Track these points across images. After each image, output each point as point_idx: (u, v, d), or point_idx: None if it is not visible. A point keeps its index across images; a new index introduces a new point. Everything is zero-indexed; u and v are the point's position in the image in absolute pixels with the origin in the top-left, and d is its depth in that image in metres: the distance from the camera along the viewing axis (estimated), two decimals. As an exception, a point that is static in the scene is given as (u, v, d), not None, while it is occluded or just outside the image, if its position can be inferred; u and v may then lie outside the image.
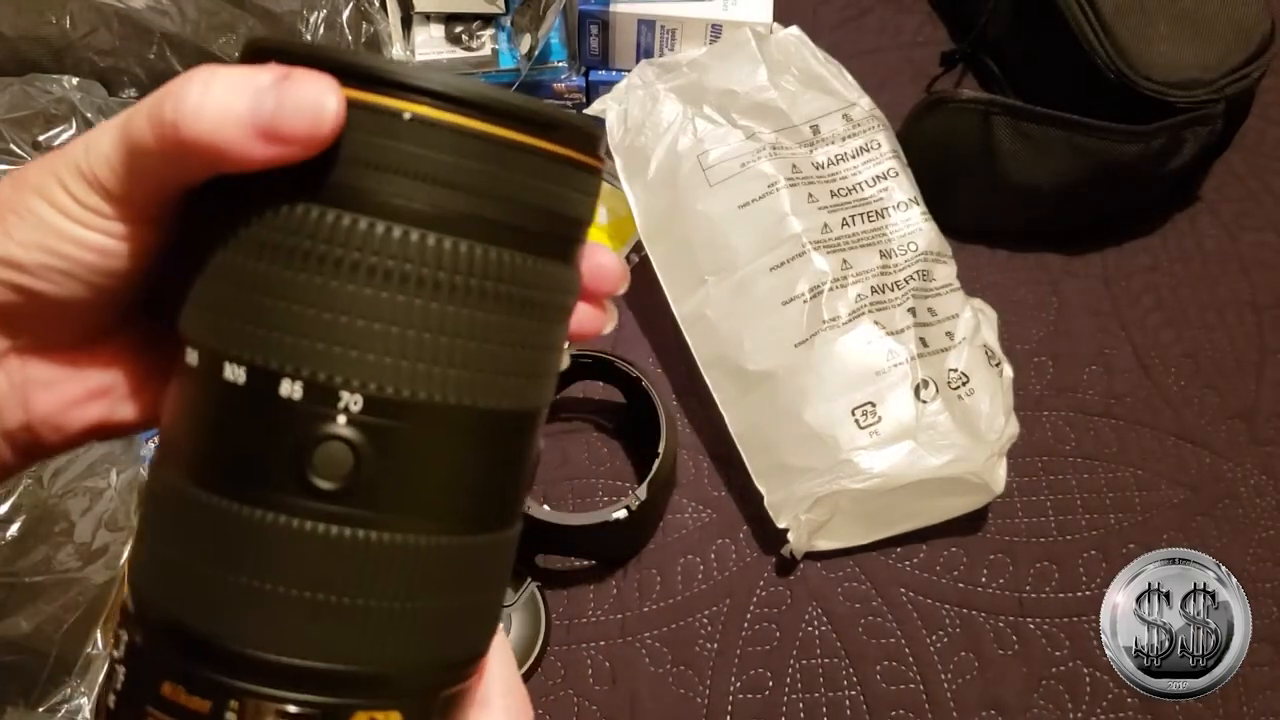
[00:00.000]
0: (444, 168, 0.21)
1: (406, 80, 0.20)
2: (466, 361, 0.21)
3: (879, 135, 0.62)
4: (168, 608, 0.21)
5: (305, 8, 0.59)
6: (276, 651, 0.21)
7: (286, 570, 0.21)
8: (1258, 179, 0.72)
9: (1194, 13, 0.62)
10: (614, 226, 0.66)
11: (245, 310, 0.21)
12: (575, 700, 0.54)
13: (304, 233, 0.20)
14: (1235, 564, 0.57)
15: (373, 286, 0.20)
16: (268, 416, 0.21)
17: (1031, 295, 0.66)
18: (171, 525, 0.22)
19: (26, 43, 0.57)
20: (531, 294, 0.22)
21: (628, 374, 0.56)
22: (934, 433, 0.54)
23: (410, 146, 0.20)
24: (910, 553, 0.58)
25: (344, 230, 0.20)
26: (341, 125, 0.20)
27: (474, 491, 0.23)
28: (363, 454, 0.21)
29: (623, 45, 0.68)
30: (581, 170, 0.23)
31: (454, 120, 0.21)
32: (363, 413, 0.21)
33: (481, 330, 0.22)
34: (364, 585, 0.21)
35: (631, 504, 0.52)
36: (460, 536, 0.22)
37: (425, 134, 0.21)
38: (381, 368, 0.21)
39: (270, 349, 0.21)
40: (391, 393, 0.21)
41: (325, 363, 0.20)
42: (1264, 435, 0.62)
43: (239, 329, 0.21)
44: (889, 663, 0.55)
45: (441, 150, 0.21)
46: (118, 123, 0.21)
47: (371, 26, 0.61)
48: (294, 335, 0.20)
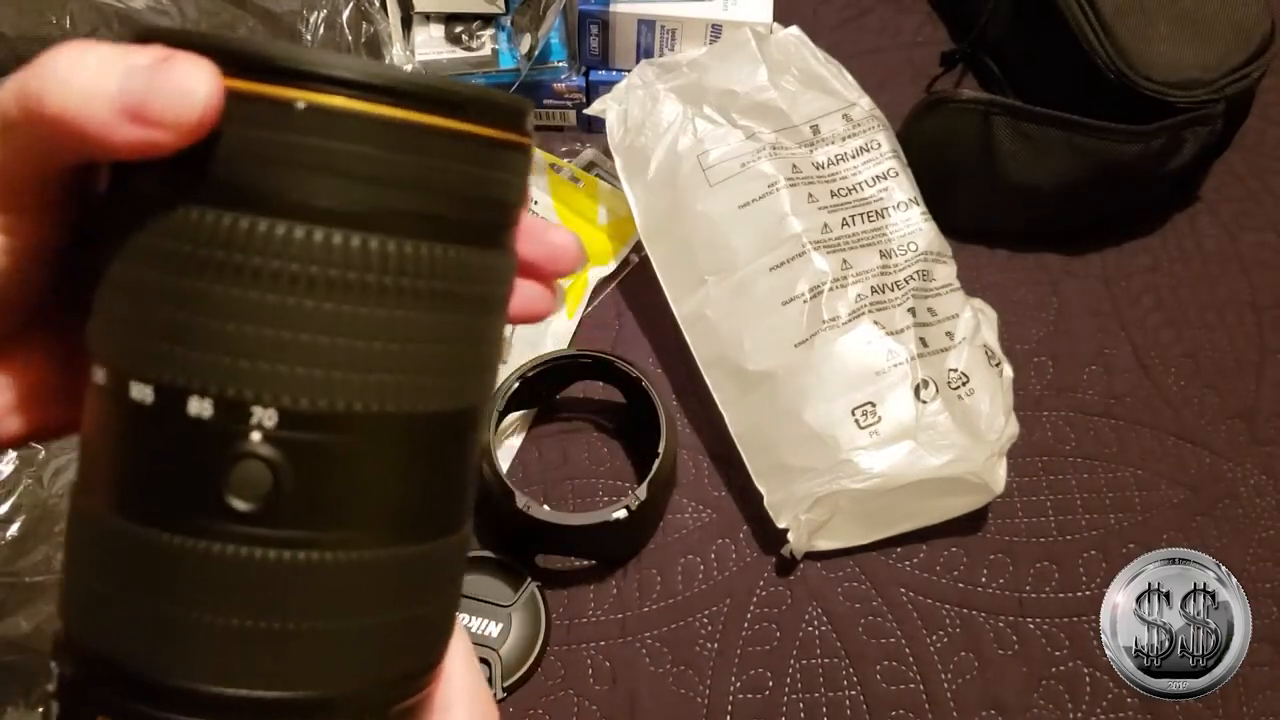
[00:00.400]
0: (345, 159, 0.19)
1: (298, 67, 0.19)
2: (388, 365, 0.20)
3: (879, 135, 0.62)
4: (95, 640, 0.20)
5: (305, 8, 0.59)
6: (210, 682, 0.20)
7: (213, 597, 0.20)
8: (1258, 179, 0.72)
9: (1194, 13, 0.62)
10: (614, 226, 0.66)
11: (147, 324, 0.19)
12: (575, 700, 0.54)
13: (200, 239, 0.19)
14: (1235, 564, 0.57)
15: (277, 292, 0.19)
16: (179, 437, 0.19)
17: (1031, 295, 0.66)
18: (93, 554, 0.21)
19: (27, 43, 0.57)
20: (455, 287, 0.21)
21: (628, 374, 0.56)
22: (934, 433, 0.54)
23: (308, 139, 0.19)
24: (910, 553, 0.58)
25: (242, 234, 0.19)
26: (217, 112, 0.18)
27: (410, 500, 0.22)
28: (281, 471, 0.19)
29: (623, 45, 0.68)
30: (504, 149, 0.22)
31: (353, 107, 0.19)
32: (279, 428, 0.19)
33: (402, 331, 0.20)
34: (294, 608, 0.20)
35: (631, 504, 0.52)
36: (397, 548, 0.21)
37: (323, 124, 0.19)
38: (294, 379, 0.19)
39: (175, 365, 0.19)
40: (307, 405, 0.19)
41: (233, 378, 0.19)
42: (1264, 435, 0.62)
43: (141, 345, 0.20)
44: (889, 663, 0.55)
45: (342, 140, 0.19)
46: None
47: (371, 27, 0.61)
48: (198, 350, 0.19)
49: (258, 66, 0.19)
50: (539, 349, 0.60)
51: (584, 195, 0.66)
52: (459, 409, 0.22)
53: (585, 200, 0.66)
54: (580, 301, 0.64)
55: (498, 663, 0.53)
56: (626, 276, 0.66)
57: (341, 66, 0.19)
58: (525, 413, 0.61)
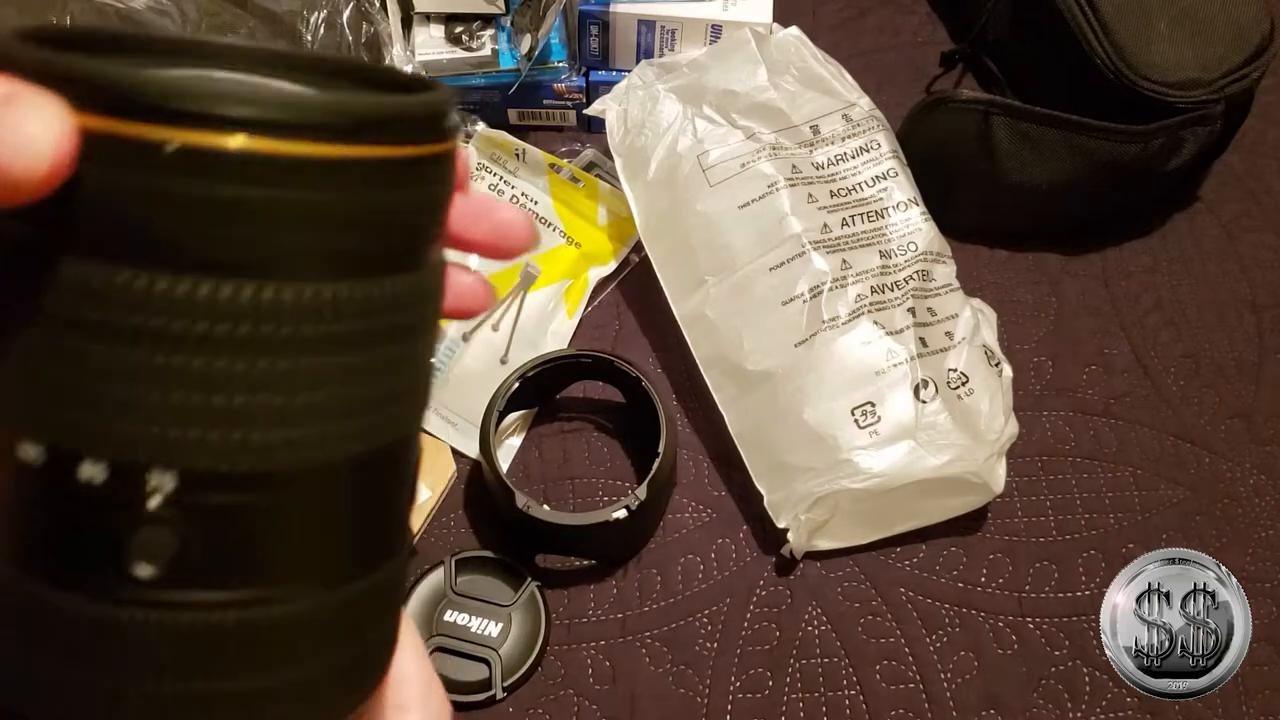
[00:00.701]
0: (226, 203, 0.17)
1: (163, 100, 0.16)
2: (298, 418, 0.18)
3: (879, 135, 0.62)
4: (10, 704, 0.19)
5: (306, 8, 0.59)
6: None
7: (128, 664, 0.18)
8: (1257, 179, 0.72)
9: (1193, 13, 0.62)
10: (614, 226, 0.66)
11: (35, 382, 0.18)
12: (575, 700, 0.54)
13: (75, 295, 0.17)
14: (1235, 564, 0.57)
15: (162, 352, 0.17)
16: (74, 500, 0.18)
17: (1031, 295, 0.66)
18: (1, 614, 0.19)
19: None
20: (369, 324, 0.19)
21: (628, 374, 0.56)
22: (933, 433, 0.54)
23: (181, 183, 0.17)
24: (910, 553, 0.58)
25: (117, 289, 0.17)
26: (68, 162, 0.16)
27: (339, 543, 0.20)
28: (187, 534, 0.18)
29: (623, 45, 0.68)
30: (415, 165, 0.19)
31: (230, 146, 0.17)
32: (180, 492, 0.18)
33: (309, 380, 0.18)
34: (216, 669, 0.19)
35: (631, 504, 0.52)
36: (329, 592, 0.20)
37: (197, 166, 0.17)
38: (192, 443, 0.18)
39: (64, 428, 0.18)
40: (208, 468, 0.18)
41: (126, 443, 0.17)
42: (1264, 435, 0.62)
43: (30, 404, 0.18)
44: (889, 662, 0.55)
45: (222, 181, 0.17)
46: None
47: (371, 27, 0.61)
48: (87, 412, 0.17)
49: (118, 101, 0.16)
50: (539, 349, 0.60)
51: (584, 195, 0.66)
52: (387, 443, 0.20)
53: (585, 200, 0.66)
54: (580, 301, 0.64)
55: (498, 663, 0.53)
56: (626, 276, 0.66)
57: (216, 91, 0.17)
58: (525, 413, 0.61)
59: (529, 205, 0.67)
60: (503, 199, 0.67)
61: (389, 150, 0.18)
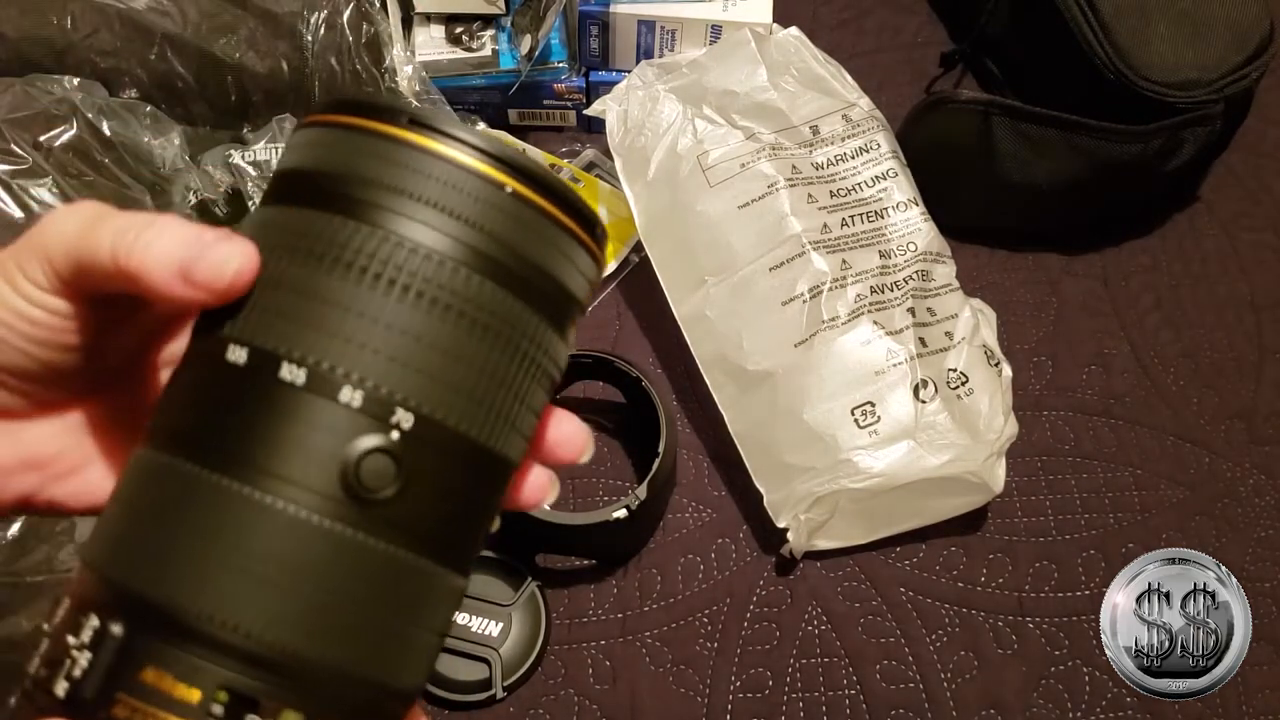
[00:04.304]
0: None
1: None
2: (473, 394, 0.23)
3: (878, 136, 0.62)
4: (157, 591, 0.21)
5: (306, 8, 0.59)
6: (269, 646, 0.21)
7: (306, 569, 0.21)
8: (1257, 179, 0.72)
9: (1193, 13, 0.62)
10: (614, 227, 0.66)
11: (317, 320, 0.22)
12: (575, 700, 0.54)
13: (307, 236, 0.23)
14: (1235, 564, 0.57)
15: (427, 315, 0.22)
16: (325, 420, 0.22)
17: (1031, 295, 0.66)
18: (183, 511, 0.22)
19: (28, 43, 0.57)
20: (527, 346, 0.24)
21: (628, 374, 0.56)
22: (933, 432, 0.54)
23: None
24: (910, 552, 0.58)
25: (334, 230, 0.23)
26: (248, 284, 0.22)
27: (459, 525, 0.24)
28: (407, 471, 0.22)
29: (623, 46, 0.68)
30: (572, 238, 0.25)
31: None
32: (412, 429, 0.22)
33: (494, 371, 0.23)
34: (376, 597, 0.22)
35: (631, 504, 0.52)
36: (438, 565, 0.23)
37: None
38: (427, 389, 0.22)
39: (332, 353, 0.22)
40: (434, 415, 0.22)
41: (385, 377, 0.22)
42: (1263, 435, 0.62)
43: (298, 333, 0.22)
44: (889, 662, 0.55)
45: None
46: (84, 227, 0.24)
47: (372, 27, 0.61)
48: (341, 340, 0.22)
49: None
50: (539, 349, 0.60)
51: (584, 195, 0.66)
52: (507, 456, 0.24)
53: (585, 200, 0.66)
54: (580, 302, 0.64)
55: (498, 662, 0.53)
56: (626, 276, 0.66)
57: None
58: (525, 413, 0.61)
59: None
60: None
61: (560, 213, 0.25)
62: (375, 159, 0.23)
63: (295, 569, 0.21)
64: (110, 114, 0.56)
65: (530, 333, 0.24)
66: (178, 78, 0.59)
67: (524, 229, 0.24)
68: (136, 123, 0.57)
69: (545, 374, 0.25)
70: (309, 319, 0.22)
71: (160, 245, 0.23)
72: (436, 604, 0.24)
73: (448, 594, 0.24)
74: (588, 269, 0.26)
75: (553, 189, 0.24)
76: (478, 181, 0.23)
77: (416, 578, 0.23)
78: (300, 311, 0.22)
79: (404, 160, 0.23)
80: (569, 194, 0.25)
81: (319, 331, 0.22)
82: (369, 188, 0.23)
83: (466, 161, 0.23)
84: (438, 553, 0.23)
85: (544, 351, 0.25)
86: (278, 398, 0.22)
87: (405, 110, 0.23)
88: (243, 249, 0.23)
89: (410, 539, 0.22)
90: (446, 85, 0.66)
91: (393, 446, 0.22)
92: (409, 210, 0.23)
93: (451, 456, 0.23)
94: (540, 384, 0.25)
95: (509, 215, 0.23)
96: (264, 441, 0.22)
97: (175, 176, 0.58)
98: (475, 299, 0.23)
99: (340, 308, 0.22)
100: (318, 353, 0.22)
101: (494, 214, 0.23)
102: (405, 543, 0.22)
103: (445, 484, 0.23)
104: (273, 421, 0.22)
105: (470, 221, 0.23)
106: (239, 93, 0.60)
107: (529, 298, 0.24)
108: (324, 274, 0.22)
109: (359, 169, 0.23)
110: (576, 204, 0.25)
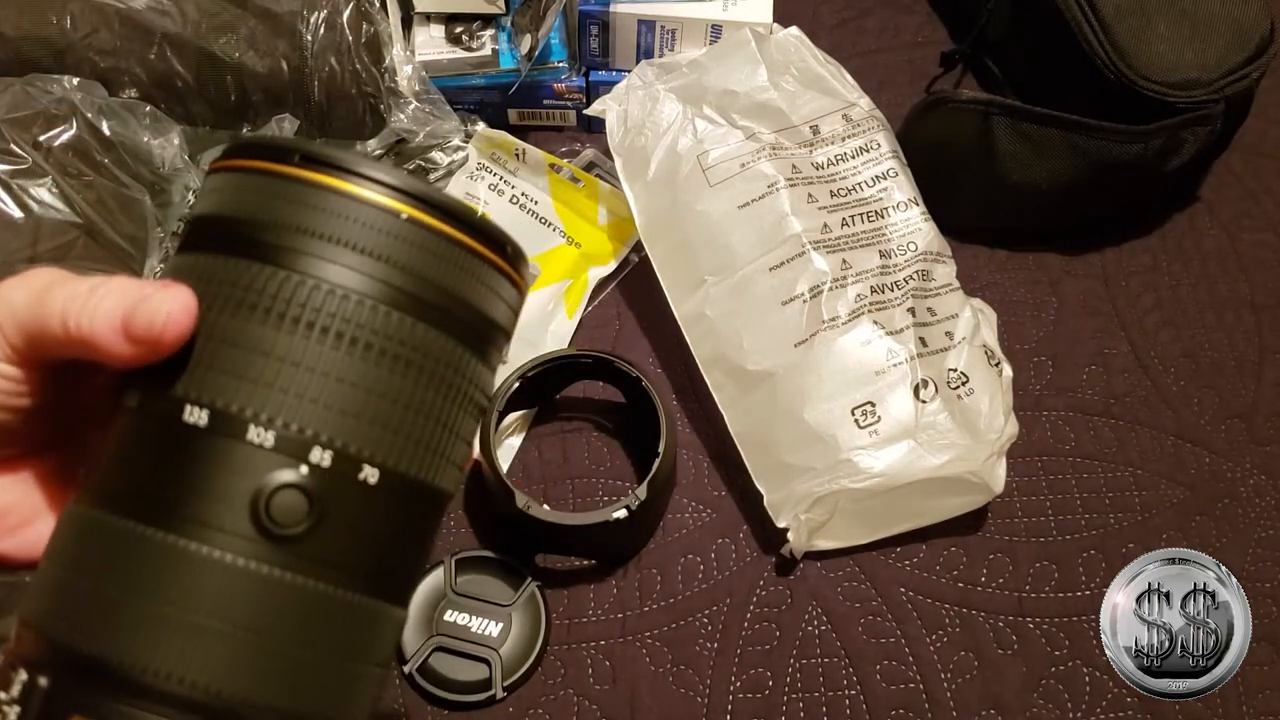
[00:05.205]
0: None
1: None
2: (399, 429, 0.23)
3: (879, 135, 0.62)
4: (87, 644, 0.21)
5: (306, 8, 0.59)
6: (201, 690, 0.21)
7: (231, 610, 0.21)
8: (1257, 179, 0.72)
9: (1193, 13, 0.62)
10: (614, 226, 0.66)
11: (225, 363, 0.22)
12: (575, 700, 0.54)
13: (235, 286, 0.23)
14: (1235, 564, 0.57)
15: (326, 347, 0.22)
16: (232, 460, 0.22)
17: (1031, 295, 0.66)
18: (105, 561, 0.22)
19: (28, 43, 0.57)
20: (452, 376, 0.24)
21: (628, 374, 0.56)
22: (933, 432, 0.54)
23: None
24: (910, 552, 0.58)
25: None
26: (184, 334, 0.22)
27: (390, 557, 0.24)
28: (322, 506, 0.22)
29: (623, 45, 0.68)
30: (493, 269, 0.25)
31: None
32: (331, 466, 0.22)
33: (418, 403, 0.23)
34: (307, 634, 0.22)
35: (631, 504, 0.52)
36: (370, 598, 0.23)
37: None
38: (345, 426, 0.22)
39: (240, 395, 0.22)
40: (354, 452, 0.22)
41: (298, 416, 0.22)
42: (1263, 435, 0.62)
43: (211, 377, 0.22)
44: (889, 662, 0.55)
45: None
46: (33, 298, 0.24)
47: (371, 27, 0.61)
48: (258, 384, 0.22)
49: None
50: (539, 349, 0.60)
51: (584, 195, 0.66)
52: (440, 489, 0.25)
53: (585, 200, 0.66)
54: (580, 301, 0.64)
55: (498, 662, 0.53)
56: (626, 276, 0.66)
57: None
58: (525, 413, 0.61)
59: (529, 205, 0.67)
60: (502, 199, 0.67)
61: (480, 245, 0.25)
62: (271, 198, 0.23)
63: (220, 611, 0.21)
64: (110, 114, 0.56)
65: (453, 362, 0.24)
66: (177, 77, 0.58)
67: (431, 257, 0.24)
68: (136, 122, 0.57)
69: (472, 402, 0.25)
70: (216, 363, 0.22)
71: (106, 306, 0.23)
72: (372, 637, 0.24)
73: (385, 625, 0.24)
74: (503, 290, 0.26)
75: (452, 212, 0.24)
76: (374, 211, 0.23)
77: (348, 612, 0.23)
78: (207, 356, 0.22)
79: (300, 198, 0.23)
80: (471, 216, 0.24)
81: (225, 374, 0.22)
82: (270, 230, 0.23)
83: (359, 193, 0.23)
84: (368, 586, 0.23)
85: (468, 380, 0.25)
86: (183, 441, 0.22)
87: (297, 147, 0.23)
88: (175, 295, 0.22)
89: (337, 573, 0.22)
90: (446, 85, 0.66)
91: (303, 482, 0.22)
92: (313, 249, 0.23)
93: (376, 490, 0.23)
94: (468, 412, 0.25)
95: (414, 245, 0.23)
96: (174, 486, 0.22)
97: (175, 176, 0.58)
98: (394, 335, 0.23)
99: (251, 350, 0.22)
100: (225, 396, 0.22)
101: (399, 245, 0.23)
102: (331, 578, 0.22)
103: (369, 517, 0.23)
104: (181, 465, 0.22)
105: (377, 255, 0.23)
106: (239, 92, 0.59)
107: (447, 327, 0.24)
108: (236, 318, 0.22)
109: (257, 211, 0.23)
110: (481, 225, 0.25)
